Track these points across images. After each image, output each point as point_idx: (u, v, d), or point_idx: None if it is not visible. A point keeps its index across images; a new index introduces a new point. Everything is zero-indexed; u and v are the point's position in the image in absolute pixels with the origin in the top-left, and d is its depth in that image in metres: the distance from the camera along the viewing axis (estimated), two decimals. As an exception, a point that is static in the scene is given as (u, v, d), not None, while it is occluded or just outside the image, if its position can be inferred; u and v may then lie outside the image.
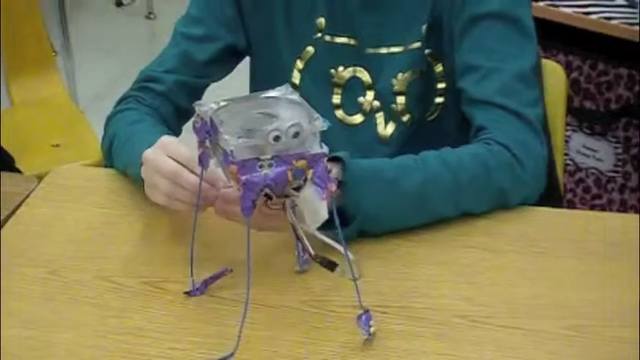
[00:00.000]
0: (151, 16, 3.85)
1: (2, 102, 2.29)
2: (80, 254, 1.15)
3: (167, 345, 1.02)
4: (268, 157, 0.95)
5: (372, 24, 1.35)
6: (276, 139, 0.95)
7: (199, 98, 1.39)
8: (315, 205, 0.98)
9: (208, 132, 0.99)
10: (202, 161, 1.03)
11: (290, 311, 1.06)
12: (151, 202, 1.22)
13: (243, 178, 0.94)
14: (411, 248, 1.16)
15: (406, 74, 1.34)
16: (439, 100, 1.36)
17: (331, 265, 1.03)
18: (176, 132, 1.37)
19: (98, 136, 2.16)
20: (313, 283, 1.10)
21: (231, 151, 0.94)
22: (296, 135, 0.95)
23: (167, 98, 1.38)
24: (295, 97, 1.02)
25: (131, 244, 1.18)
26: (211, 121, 0.98)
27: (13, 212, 1.24)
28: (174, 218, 1.21)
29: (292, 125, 0.95)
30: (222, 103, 1.00)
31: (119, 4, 3.95)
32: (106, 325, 1.04)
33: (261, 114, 0.99)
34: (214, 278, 1.09)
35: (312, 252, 1.03)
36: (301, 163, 0.96)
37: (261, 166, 0.95)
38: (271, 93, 1.03)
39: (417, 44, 1.34)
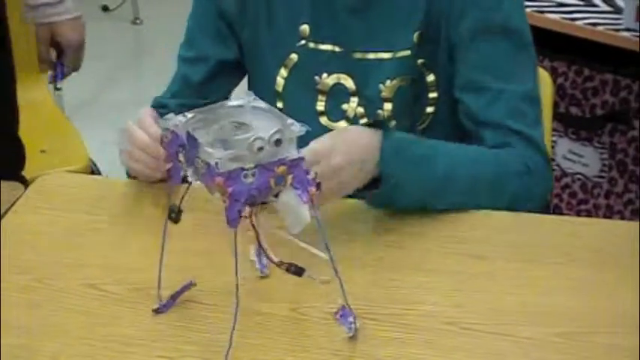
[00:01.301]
0: (137, 21, 3.84)
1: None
2: (67, 261, 1.15)
3: (155, 353, 1.01)
4: (252, 166, 0.95)
5: (360, 29, 1.35)
6: (260, 149, 0.94)
7: None
8: (296, 209, 0.98)
9: (182, 145, 0.98)
10: (173, 176, 1.02)
11: (280, 319, 1.06)
12: (138, 209, 1.22)
13: (230, 189, 0.94)
14: (400, 256, 1.15)
15: (394, 81, 1.34)
16: (430, 109, 1.36)
17: (298, 271, 1.02)
18: None
19: (85, 142, 2.17)
20: (303, 291, 1.09)
21: (217, 163, 0.94)
22: (278, 142, 0.95)
23: None
24: (260, 103, 1.02)
25: (118, 252, 1.17)
26: (188, 134, 0.97)
27: (-1, 219, 1.23)
28: (162, 225, 1.20)
29: (275, 132, 0.95)
30: (189, 115, 1.00)
31: (105, 9, 3.94)
32: (93, 333, 1.04)
33: (232, 123, 0.98)
34: (179, 293, 1.08)
35: (275, 259, 1.02)
36: (282, 169, 0.96)
37: (245, 176, 0.95)
38: (235, 102, 1.02)
39: (407, 52, 1.33)
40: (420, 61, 1.34)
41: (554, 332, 1.04)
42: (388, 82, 1.34)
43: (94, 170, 2.16)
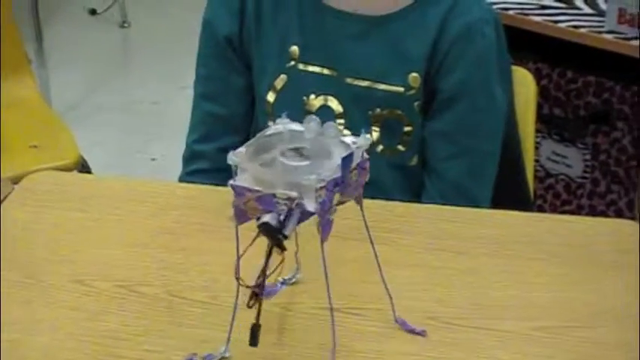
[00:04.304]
0: (125, 24, 3.85)
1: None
2: (56, 258, 1.16)
3: (143, 347, 1.03)
4: None
5: (355, 55, 1.36)
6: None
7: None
8: None
9: (337, 184, 0.90)
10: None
11: (264, 314, 1.07)
12: (126, 207, 1.24)
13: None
14: (383, 252, 1.17)
15: (385, 111, 1.36)
16: (407, 138, 1.40)
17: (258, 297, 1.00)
18: None
19: (75, 138, 2.18)
20: (291, 288, 1.11)
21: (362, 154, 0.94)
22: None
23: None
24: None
25: (106, 248, 1.19)
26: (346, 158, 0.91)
27: (-12, 217, 1.24)
28: (149, 223, 1.22)
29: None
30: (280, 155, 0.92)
31: (93, 12, 3.95)
32: (81, 328, 1.05)
33: (289, 149, 0.94)
34: None
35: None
36: None
37: None
38: (297, 127, 0.96)
39: (400, 89, 1.35)
40: (416, 103, 1.36)
41: (535, 326, 1.06)
42: (378, 111, 1.36)
43: (84, 166, 2.17)
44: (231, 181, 0.91)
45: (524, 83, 1.57)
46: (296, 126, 0.96)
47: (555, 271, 1.14)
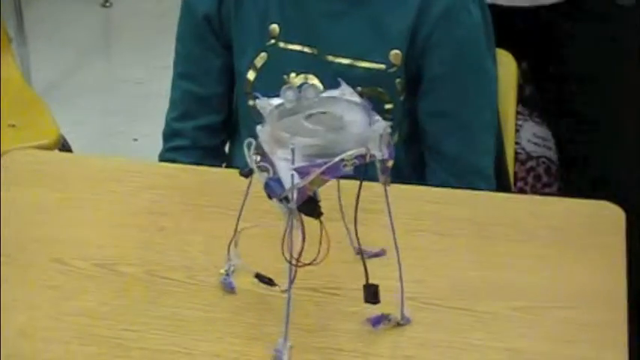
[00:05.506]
0: (107, 4, 3.82)
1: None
2: (34, 237, 1.16)
3: (120, 326, 1.03)
4: None
5: (335, 33, 1.35)
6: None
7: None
8: None
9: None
10: None
11: (244, 294, 1.07)
12: (105, 186, 1.24)
13: None
14: (362, 232, 1.17)
15: (365, 89, 1.36)
16: (388, 116, 1.39)
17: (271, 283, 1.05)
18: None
19: (56, 118, 2.16)
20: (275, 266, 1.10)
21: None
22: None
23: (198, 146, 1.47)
24: (354, 97, 1.01)
25: (84, 227, 1.18)
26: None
27: (-34, 196, 1.23)
28: (128, 202, 1.22)
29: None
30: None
31: (74, -9, 3.92)
32: (59, 307, 1.05)
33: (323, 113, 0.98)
34: None
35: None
36: None
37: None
38: (328, 93, 1.01)
39: (381, 66, 1.35)
40: (397, 80, 1.36)
41: (513, 306, 1.06)
42: (359, 89, 1.35)
43: (64, 146, 2.16)
44: (294, 167, 0.92)
45: (506, 65, 1.57)
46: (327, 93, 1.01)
47: (535, 252, 1.15)
